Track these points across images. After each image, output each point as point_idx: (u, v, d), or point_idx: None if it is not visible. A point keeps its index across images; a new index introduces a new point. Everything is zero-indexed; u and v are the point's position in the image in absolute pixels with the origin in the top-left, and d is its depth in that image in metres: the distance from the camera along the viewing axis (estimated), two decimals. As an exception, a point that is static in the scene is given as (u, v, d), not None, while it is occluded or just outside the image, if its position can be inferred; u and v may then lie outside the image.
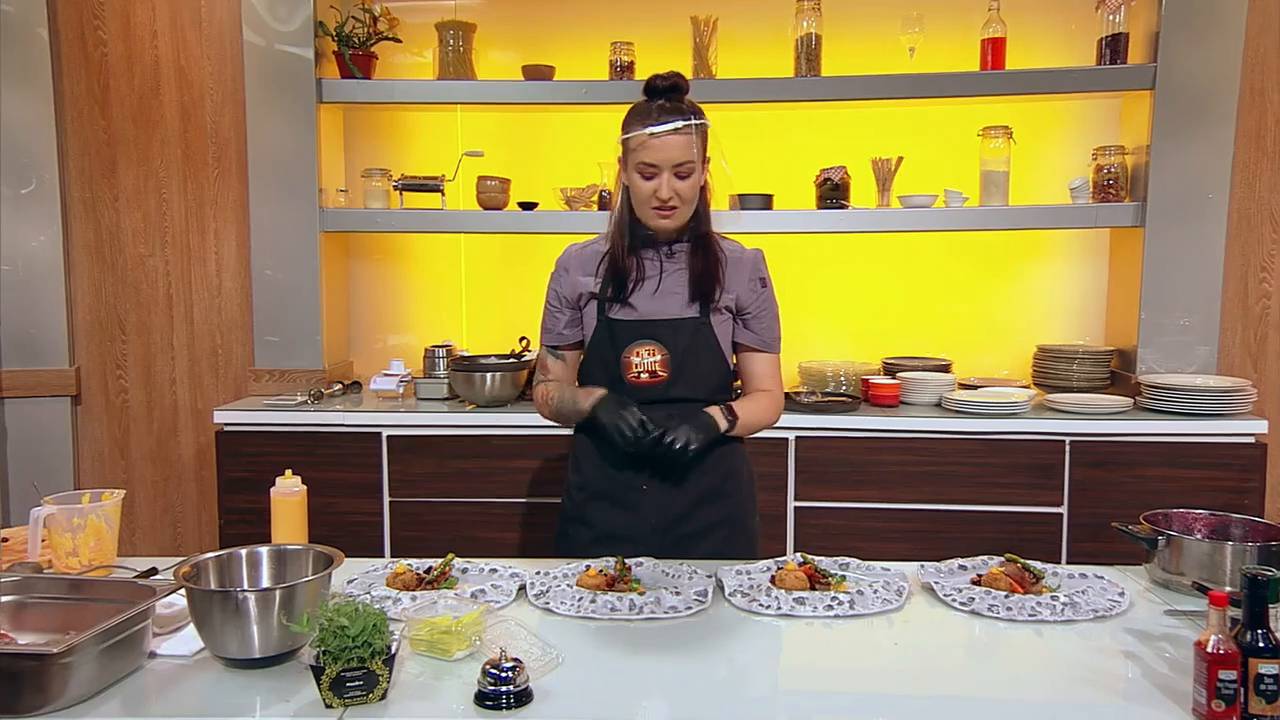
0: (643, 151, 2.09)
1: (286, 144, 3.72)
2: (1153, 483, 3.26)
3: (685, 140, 2.09)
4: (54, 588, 1.72)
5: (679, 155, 2.09)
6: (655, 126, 2.08)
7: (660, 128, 2.08)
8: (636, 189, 2.13)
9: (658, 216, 2.14)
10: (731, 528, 2.26)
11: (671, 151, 2.08)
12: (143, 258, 4.02)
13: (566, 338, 2.31)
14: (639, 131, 2.09)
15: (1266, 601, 1.39)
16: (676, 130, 2.08)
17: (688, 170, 2.11)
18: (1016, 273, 3.95)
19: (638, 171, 2.11)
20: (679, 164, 2.09)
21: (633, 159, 2.12)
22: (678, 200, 2.11)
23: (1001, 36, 3.56)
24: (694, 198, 2.15)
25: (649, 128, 2.08)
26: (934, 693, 1.54)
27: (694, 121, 2.10)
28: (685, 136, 2.09)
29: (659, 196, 2.10)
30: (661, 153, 2.08)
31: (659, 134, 2.07)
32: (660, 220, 2.14)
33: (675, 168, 2.09)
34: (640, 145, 2.09)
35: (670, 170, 2.09)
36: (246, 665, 1.57)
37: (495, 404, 3.51)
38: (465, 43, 3.75)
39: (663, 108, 2.10)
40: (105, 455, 4.09)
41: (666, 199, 2.10)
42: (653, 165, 2.09)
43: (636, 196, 2.14)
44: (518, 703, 1.43)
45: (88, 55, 3.93)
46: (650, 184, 2.11)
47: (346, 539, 3.05)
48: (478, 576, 1.99)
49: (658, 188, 2.10)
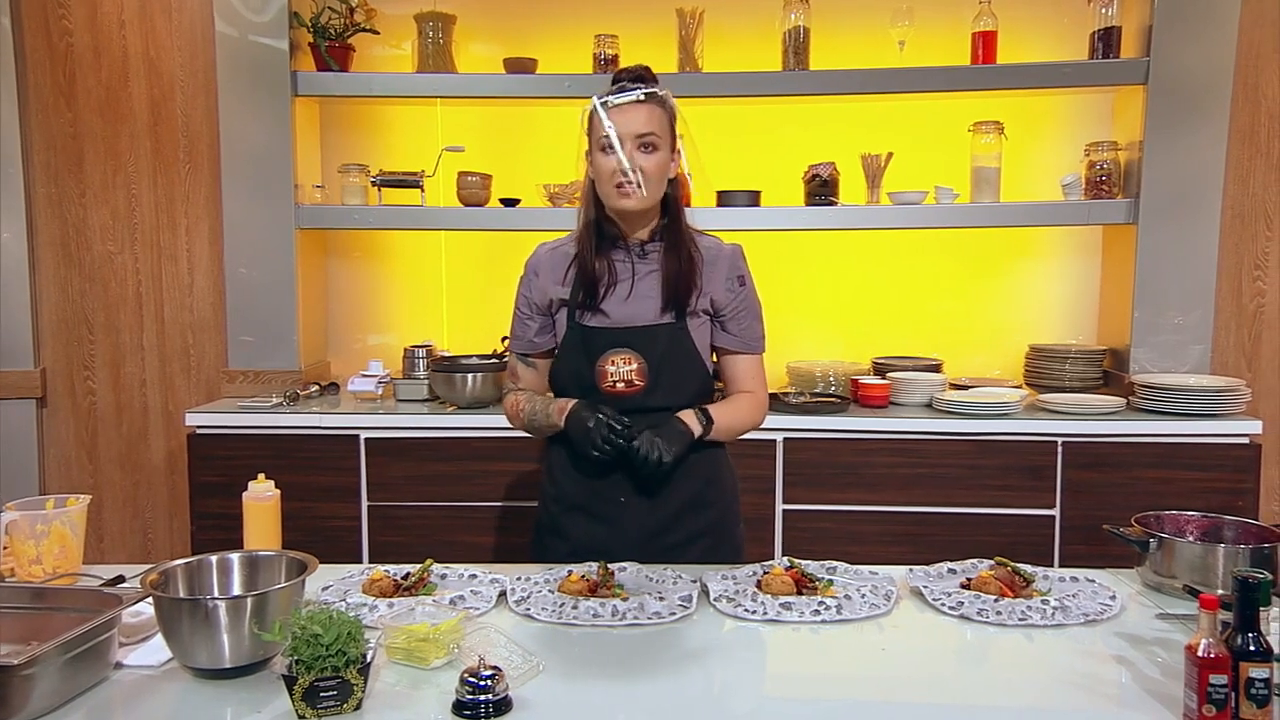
0: (602, 125, 2.02)
1: (260, 138, 3.65)
2: (1146, 484, 3.23)
3: (646, 111, 2.03)
4: (16, 597, 1.68)
5: (640, 126, 2.02)
6: (614, 96, 2.02)
7: (620, 96, 2.02)
8: (598, 168, 2.05)
9: (619, 195, 2.03)
10: (715, 537, 2.20)
11: (632, 123, 2.01)
12: (111, 255, 3.92)
13: (537, 345, 2.23)
14: (597, 103, 2.03)
15: (1258, 605, 1.38)
16: (638, 100, 2.02)
17: (651, 143, 2.03)
18: (1008, 271, 3.92)
19: (599, 149, 2.04)
20: (640, 135, 2.02)
21: (594, 140, 2.05)
22: (640, 176, 2.02)
23: (992, 30, 3.53)
24: (660, 178, 2.06)
25: (609, 98, 2.03)
26: (923, 699, 1.53)
27: (656, 91, 2.05)
28: (646, 107, 2.03)
29: (620, 170, 2.01)
30: (620, 122, 2.01)
31: (619, 103, 2.01)
32: (622, 200, 2.04)
33: (637, 139, 2.02)
34: (600, 121, 2.02)
35: (632, 143, 2.01)
36: (216, 675, 1.55)
37: (477, 405, 3.45)
38: (445, 35, 3.69)
39: (622, 85, 2.05)
40: (72, 459, 3.99)
41: (625, 170, 2.00)
42: (612, 138, 2.01)
43: (598, 177, 2.06)
44: (497, 712, 1.41)
45: (52, 46, 3.83)
46: (610, 159, 2.02)
47: (323, 544, 2.94)
48: (457, 582, 1.95)
49: (619, 161, 2.01)
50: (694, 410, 2.11)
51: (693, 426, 2.08)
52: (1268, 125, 3.68)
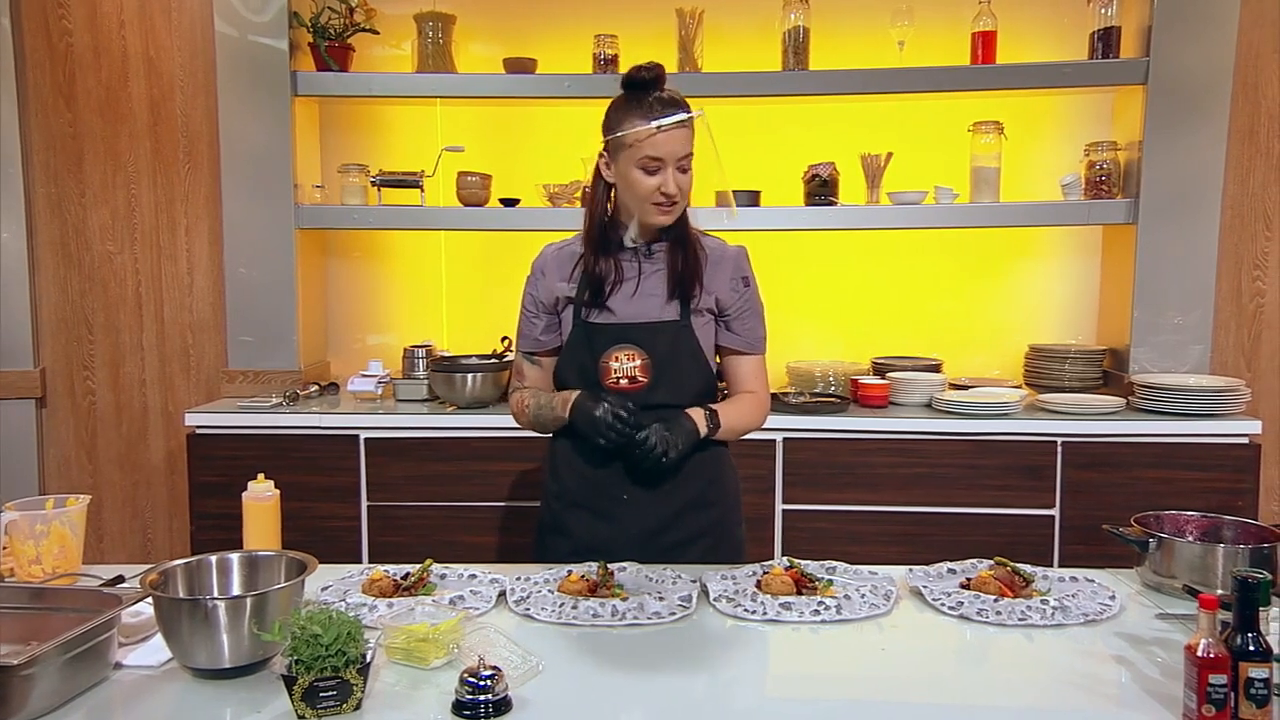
0: (647, 146, 2.02)
1: (260, 138, 3.64)
2: (1146, 484, 3.23)
3: (687, 133, 2.05)
4: (15, 597, 1.68)
5: (682, 148, 2.05)
6: (662, 119, 2.02)
7: (667, 120, 2.02)
8: (638, 185, 2.06)
9: (659, 213, 2.07)
10: (716, 537, 2.20)
11: (676, 145, 2.03)
12: (111, 255, 3.92)
13: (544, 344, 2.25)
14: (643, 126, 2.02)
15: (1257, 604, 1.38)
16: (681, 123, 2.03)
17: (688, 163, 2.07)
18: (1008, 271, 3.92)
19: (640, 167, 2.04)
20: (681, 157, 2.05)
21: (632, 154, 2.05)
22: (680, 195, 2.07)
23: (992, 30, 3.53)
24: (689, 194, 2.11)
25: (654, 120, 2.01)
26: (922, 699, 1.53)
27: (695, 115, 2.07)
28: (688, 129, 2.05)
29: (665, 192, 2.04)
30: (667, 146, 2.02)
31: (666, 126, 2.02)
32: (661, 216, 2.08)
33: (678, 161, 2.05)
34: (643, 140, 2.02)
35: (674, 164, 2.04)
36: (216, 676, 1.54)
37: (476, 405, 3.44)
38: (445, 35, 3.68)
39: (661, 100, 2.05)
40: (72, 459, 3.99)
41: (672, 194, 2.05)
42: (658, 159, 2.03)
43: (637, 193, 2.06)
44: (496, 712, 1.41)
45: (52, 46, 3.83)
46: (654, 179, 2.04)
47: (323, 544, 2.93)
48: (456, 582, 1.95)
49: (663, 183, 2.04)
50: (703, 410, 2.12)
51: (700, 425, 2.09)
52: (1267, 125, 3.67)
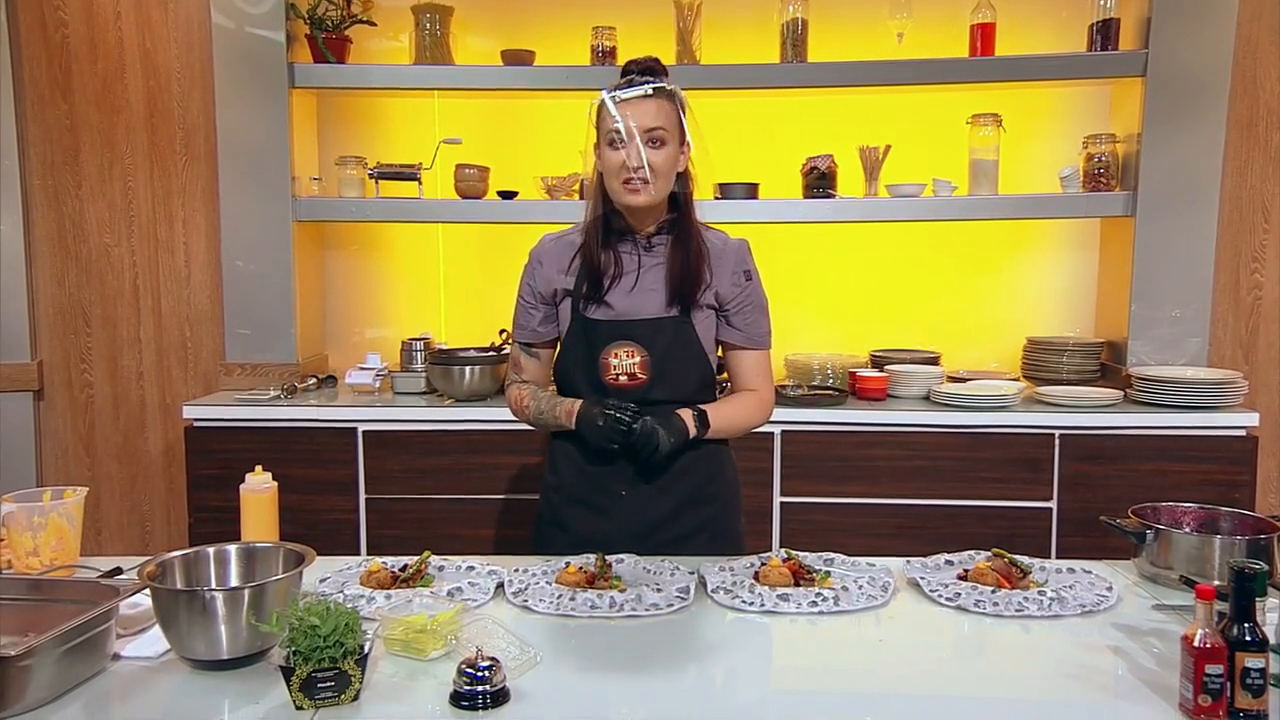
0: (609, 119, 2.00)
1: (257, 130, 3.63)
2: (1143, 476, 3.23)
3: (655, 105, 2.00)
4: (13, 588, 1.68)
5: (649, 120, 1.99)
6: (623, 91, 2.01)
7: (628, 91, 2.00)
8: (606, 162, 2.03)
9: (626, 191, 2.01)
10: (714, 532, 2.19)
11: (642, 116, 1.99)
12: (108, 248, 3.91)
13: (541, 335, 2.22)
14: (606, 97, 2.01)
15: (1253, 595, 1.39)
16: (646, 95, 2.00)
17: (660, 137, 2.01)
18: (1006, 263, 3.91)
19: (607, 143, 2.02)
20: (650, 129, 1.99)
21: (602, 130, 2.03)
22: (648, 172, 1.99)
23: (991, 22, 3.52)
24: (668, 173, 2.04)
25: (617, 92, 2.01)
26: (920, 690, 1.52)
27: (665, 85, 2.03)
28: (655, 101, 2.00)
29: (628, 165, 1.99)
30: (631, 118, 1.98)
31: (627, 98, 1.99)
32: (630, 196, 2.01)
33: (646, 133, 1.99)
34: (608, 114, 2.00)
35: (641, 137, 1.99)
36: (214, 667, 1.54)
37: (474, 398, 3.44)
38: (442, 26, 3.67)
39: (631, 78, 2.03)
40: (69, 452, 3.98)
41: (635, 167, 1.98)
42: (620, 132, 1.99)
43: (606, 171, 2.04)
44: (494, 703, 1.41)
45: (48, 38, 3.81)
46: (619, 154, 2.00)
47: (321, 537, 2.97)
48: (454, 574, 1.94)
49: (627, 156, 1.99)
50: (691, 410, 2.09)
51: (689, 426, 2.07)
52: (1265, 118, 3.67)
